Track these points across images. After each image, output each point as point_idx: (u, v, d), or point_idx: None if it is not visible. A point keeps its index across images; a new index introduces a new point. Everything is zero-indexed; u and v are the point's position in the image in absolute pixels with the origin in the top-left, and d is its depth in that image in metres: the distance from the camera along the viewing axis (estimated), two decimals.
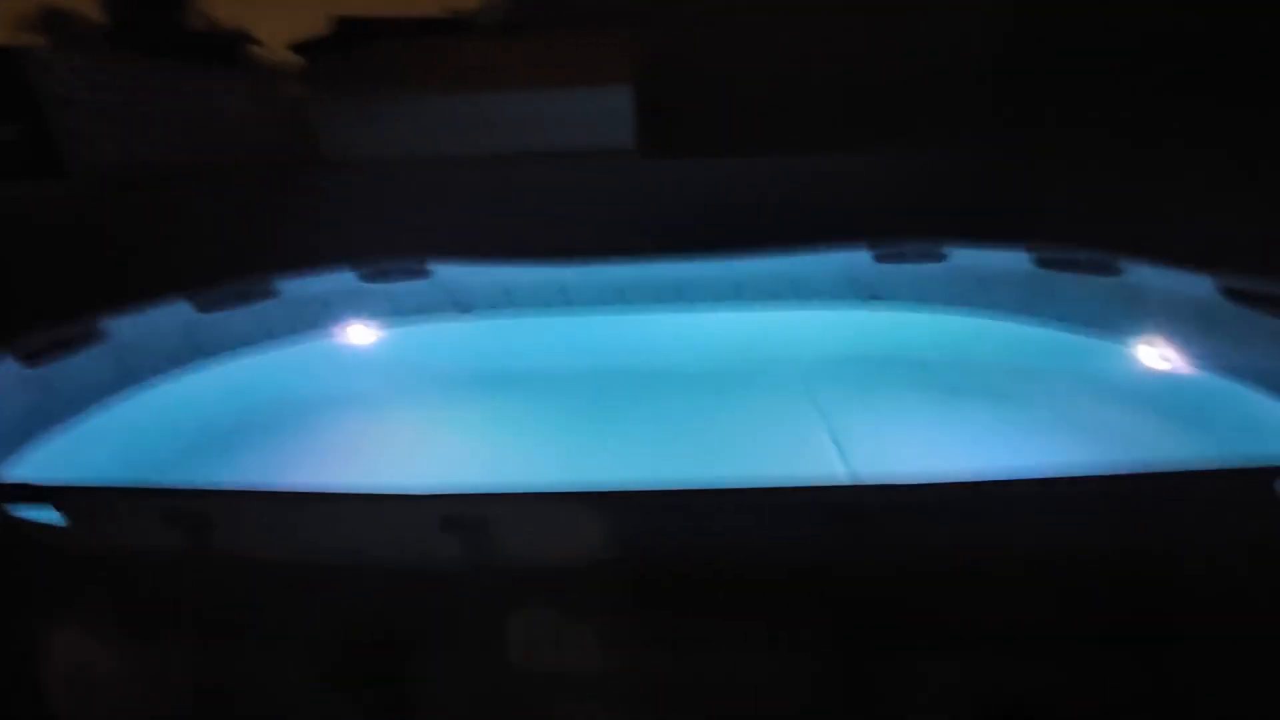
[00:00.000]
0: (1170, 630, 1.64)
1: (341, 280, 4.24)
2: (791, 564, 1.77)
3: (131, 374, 3.39)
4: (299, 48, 14.45)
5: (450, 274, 4.37)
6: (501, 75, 5.25)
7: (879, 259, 4.25)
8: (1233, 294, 3.09)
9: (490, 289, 4.41)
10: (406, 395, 4.11)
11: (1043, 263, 3.80)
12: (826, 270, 4.31)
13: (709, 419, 3.77)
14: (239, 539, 1.76)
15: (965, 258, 4.09)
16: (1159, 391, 3.37)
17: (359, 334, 4.29)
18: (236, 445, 3.50)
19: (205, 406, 3.75)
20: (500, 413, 3.91)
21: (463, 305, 4.40)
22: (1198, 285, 3.23)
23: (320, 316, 4.19)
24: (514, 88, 5.10)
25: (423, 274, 4.35)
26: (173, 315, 3.66)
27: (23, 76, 4.46)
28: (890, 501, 1.79)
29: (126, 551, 1.75)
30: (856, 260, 4.27)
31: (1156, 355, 3.42)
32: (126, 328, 3.43)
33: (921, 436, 3.50)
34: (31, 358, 2.92)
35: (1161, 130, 4.10)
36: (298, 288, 4.11)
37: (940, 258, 4.15)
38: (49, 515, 1.73)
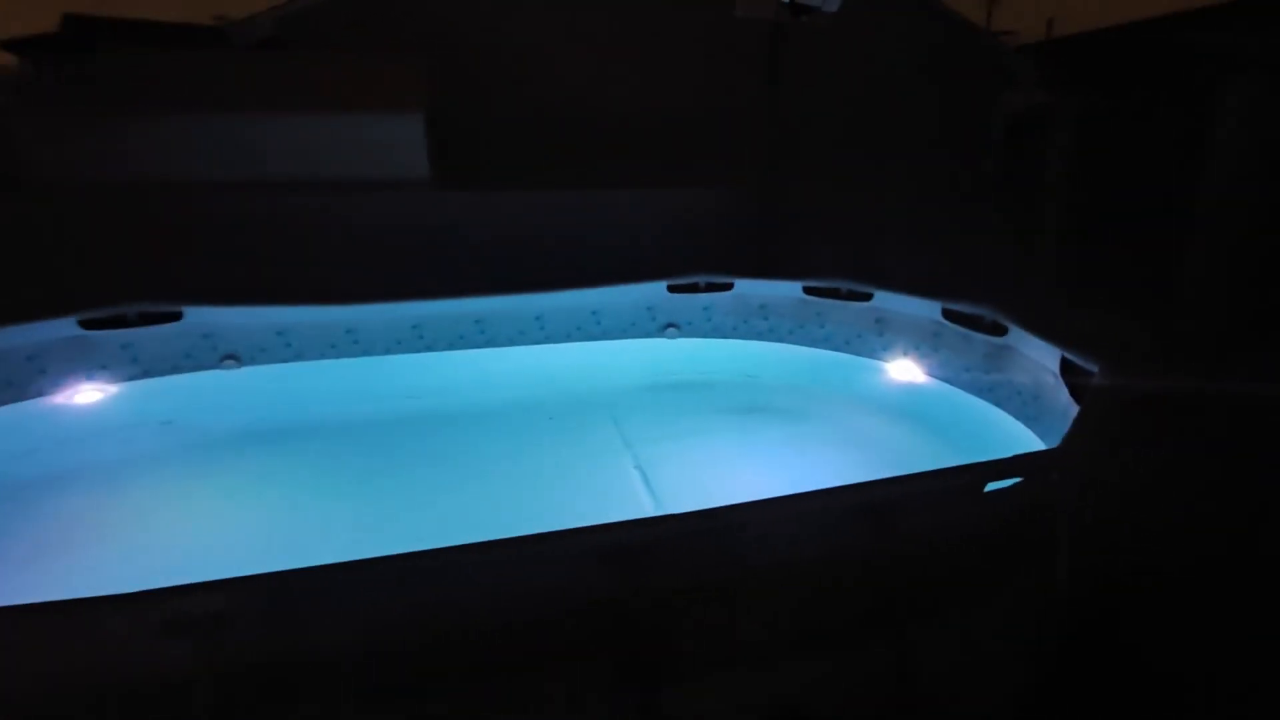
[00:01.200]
0: (909, 612, 1.87)
1: (59, 330, 3.51)
2: (565, 607, 1.75)
3: None
4: (15, 45, 12.03)
5: (209, 319, 3.81)
6: (274, 96, 4.73)
7: (673, 290, 4.47)
8: (950, 315, 3.69)
9: (262, 333, 3.92)
10: (154, 463, 3.48)
11: (810, 292, 4.26)
12: (625, 302, 4.44)
13: (516, 458, 3.67)
14: None
15: (748, 289, 4.45)
16: (903, 400, 3.90)
17: (87, 395, 3.57)
18: None
19: None
20: (275, 471, 3.46)
21: (226, 354, 3.86)
22: (927, 309, 3.81)
23: (30, 378, 3.42)
24: (291, 110, 4.61)
25: (172, 319, 3.74)
26: None
27: None
28: (650, 535, 1.84)
29: None
30: (653, 292, 4.46)
31: (902, 369, 3.96)
32: None
33: (721, 456, 3.70)
34: None
35: (885, 183, 4.86)
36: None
37: (727, 289, 4.47)
38: None
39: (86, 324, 3.54)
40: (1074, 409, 2.76)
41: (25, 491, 3.15)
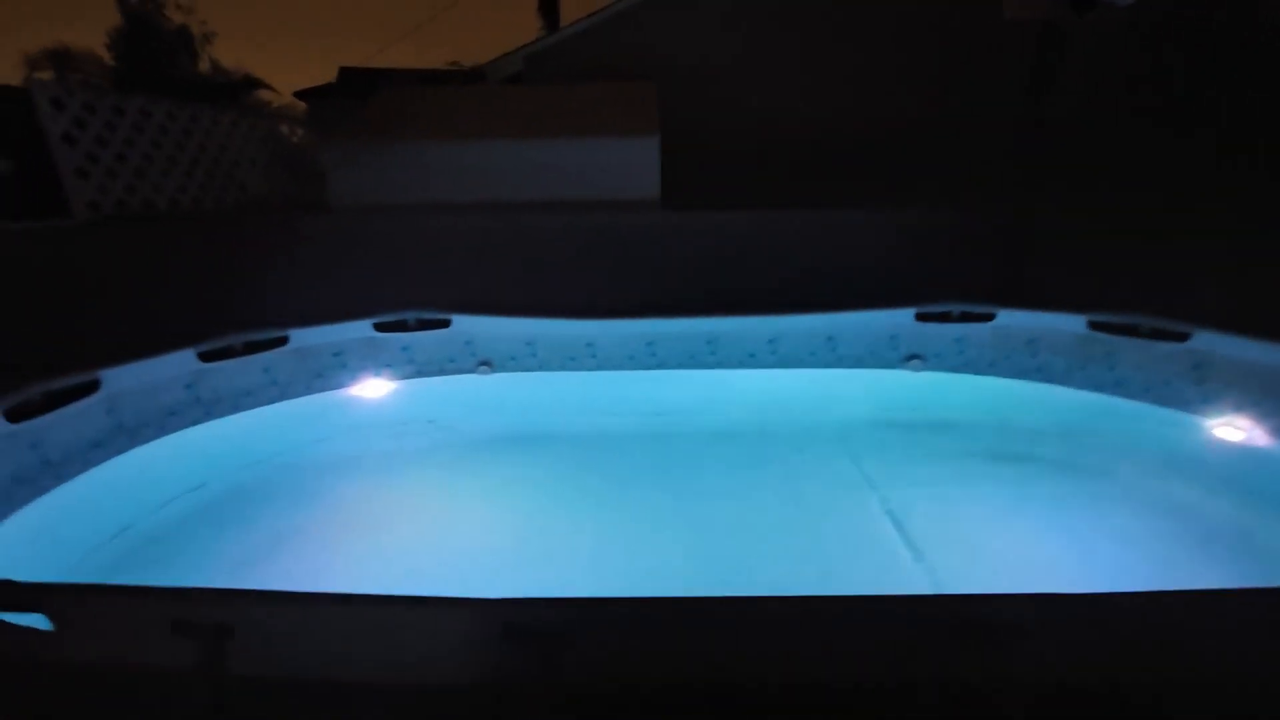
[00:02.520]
0: None
1: (356, 331, 4.00)
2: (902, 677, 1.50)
3: (127, 431, 3.09)
4: (304, 94, 14.53)
5: (471, 327, 4.14)
6: (525, 123, 5.16)
7: (922, 319, 4.08)
8: None
9: (513, 343, 4.18)
10: (424, 457, 3.83)
11: (1098, 327, 3.64)
12: (866, 329, 4.13)
13: (751, 486, 3.51)
14: (261, 652, 1.47)
15: (1013, 320, 3.93)
16: (1232, 466, 3.16)
17: (373, 389, 4.03)
18: (241, 513, 3.18)
19: (207, 467, 3.45)
20: (523, 477, 3.61)
21: (484, 360, 4.16)
22: (1269, 354, 3.06)
23: (332, 369, 3.93)
24: (539, 136, 5.00)
25: (443, 326, 4.12)
26: (174, 366, 3.38)
27: (29, 112, 4.29)
28: (1016, 613, 1.53)
29: (127, 667, 1.45)
30: (898, 319, 4.10)
31: (1227, 426, 3.23)
32: (124, 379, 3.14)
33: (982, 507, 3.26)
34: (18, 414, 2.63)
35: (1194, 192, 4.03)
36: (309, 338, 3.86)
37: (986, 319, 3.99)
38: (33, 620, 1.44)
39: (379, 327, 4.01)
40: None
41: (319, 476, 3.58)
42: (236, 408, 3.55)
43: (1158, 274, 3.82)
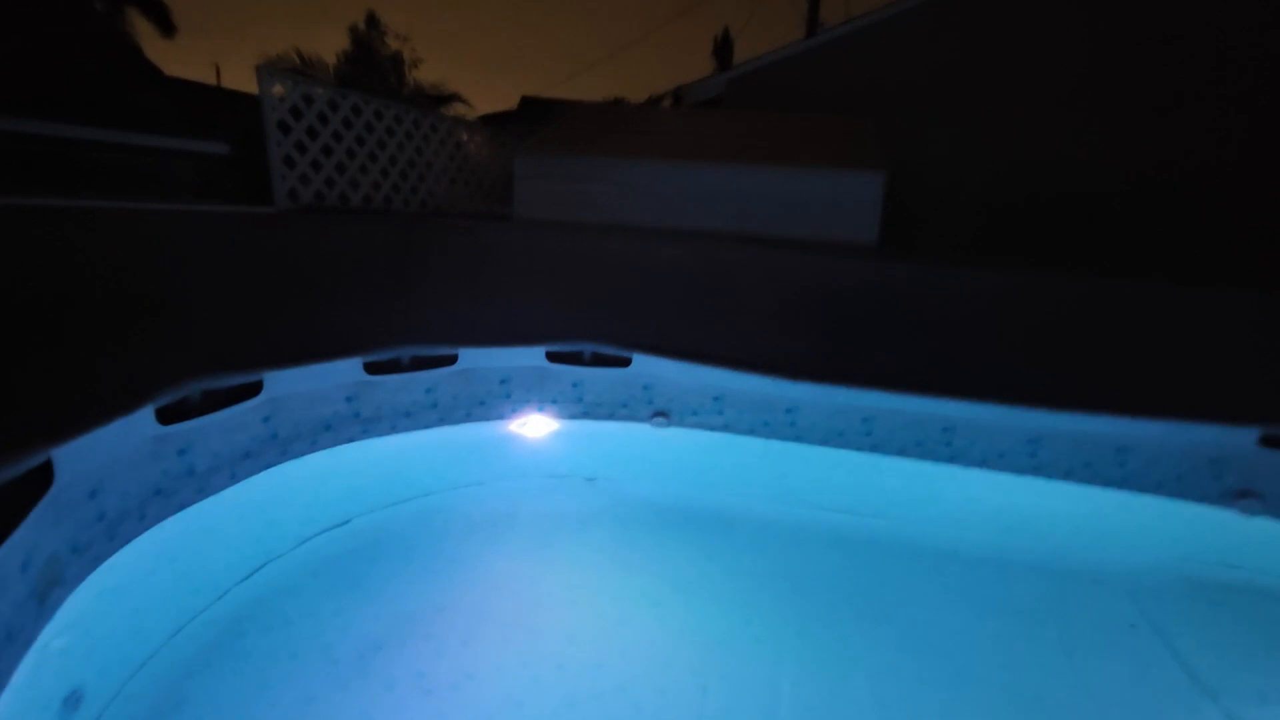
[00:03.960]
0: None
1: (527, 358, 3.54)
2: None
3: (280, 443, 2.76)
4: (490, 119, 15.24)
5: (652, 370, 3.55)
6: (728, 147, 4.64)
7: (1267, 444, 2.94)
8: None
9: (698, 395, 3.53)
10: (582, 526, 3.24)
11: None
12: (1171, 443, 3.05)
13: (1000, 646, 2.57)
14: None
15: None
16: None
17: (534, 425, 3.54)
18: (378, 570, 2.73)
19: (351, 499, 3.08)
20: (698, 575, 2.89)
21: (661, 411, 3.55)
22: None
23: (496, 398, 3.48)
24: (744, 162, 4.44)
25: (622, 364, 3.56)
26: (340, 375, 3.06)
27: (255, 102, 4.35)
28: None
29: None
30: (1231, 439, 2.99)
31: None
32: (286, 383, 2.83)
33: None
34: (171, 414, 2.32)
35: None
36: (479, 360, 3.44)
37: None
38: None
39: (552, 357, 3.52)
40: None
41: (466, 536, 3.07)
42: (394, 429, 3.17)
43: None
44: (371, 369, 3.12)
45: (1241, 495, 2.99)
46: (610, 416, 3.60)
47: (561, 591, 2.74)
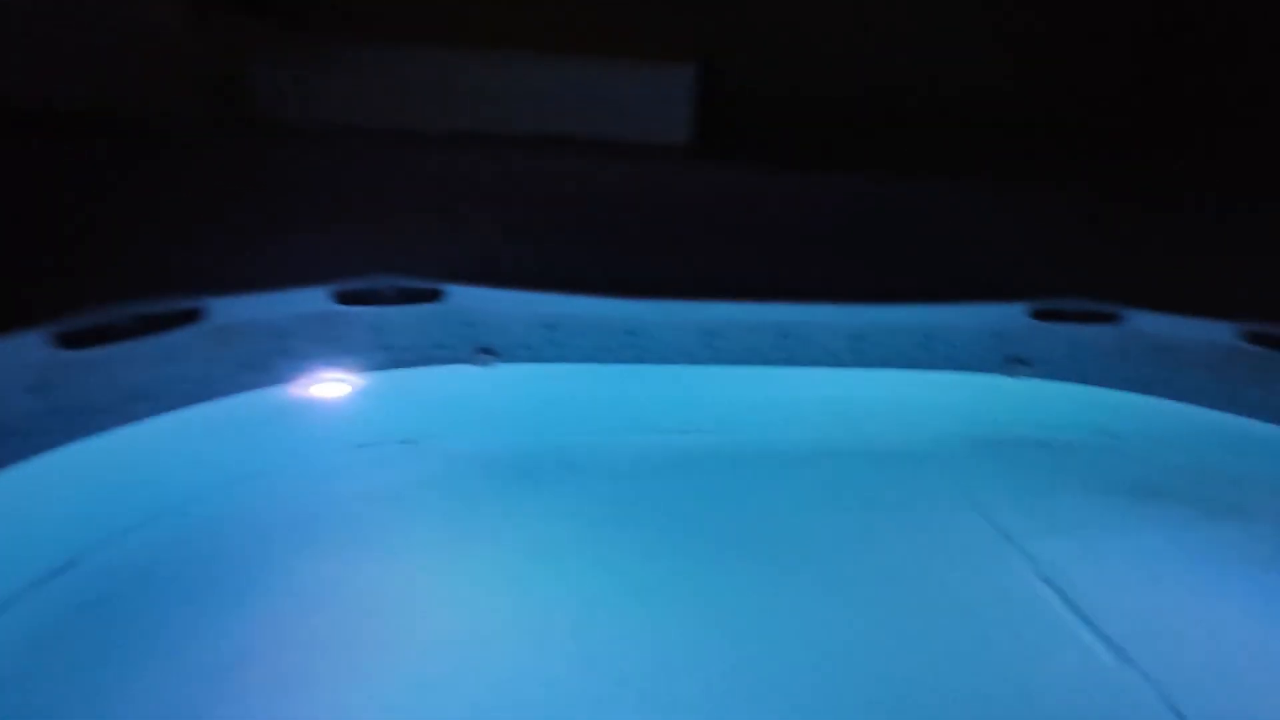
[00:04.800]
0: None
1: (305, 303, 2.78)
2: None
3: None
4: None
5: (472, 303, 3.02)
6: (515, 32, 3.96)
7: (1035, 317, 3.38)
8: None
9: (528, 327, 3.10)
10: (405, 503, 2.71)
11: (1258, 339, 3.07)
12: (969, 326, 3.39)
13: (854, 536, 2.70)
14: None
15: (1142, 323, 3.30)
16: None
17: (328, 387, 2.85)
18: (130, 628, 1.98)
19: (68, 533, 2.19)
20: (552, 540, 2.55)
21: (486, 348, 3.06)
22: None
23: (270, 358, 2.70)
24: (535, 51, 3.83)
25: (432, 299, 2.97)
26: (20, 354, 2.08)
27: None
28: None
29: None
30: (1006, 316, 3.38)
31: None
32: None
33: (1150, 564, 2.61)
34: None
35: None
36: (237, 311, 2.61)
37: (1110, 320, 3.34)
38: None
39: (341, 297, 2.80)
40: None
41: (255, 548, 2.37)
42: (124, 418, 2.29)
43: None
44: (68, 341, 2.19)
45: (1015, 362, 3.45)
46: (425, 362, 3.03)
47: (399, 587, 2.25)
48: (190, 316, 2.49)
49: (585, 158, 3.94)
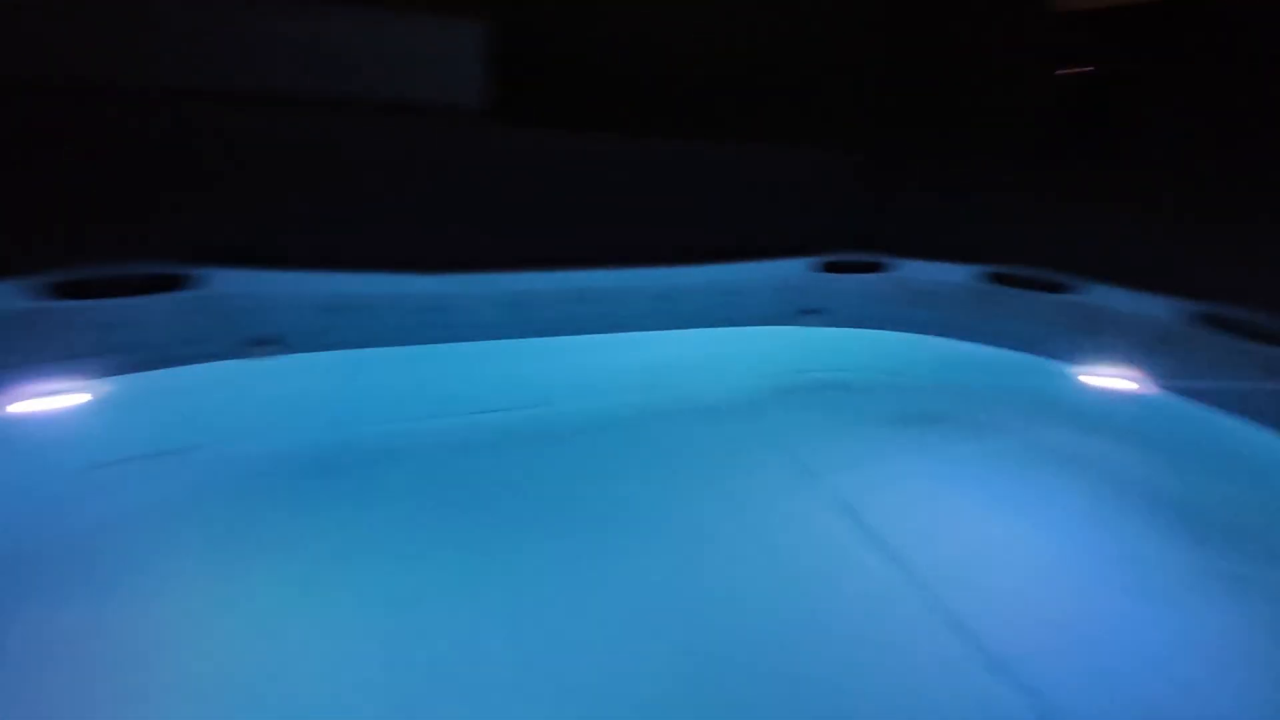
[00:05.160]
0: None
1: (10, 301, 2.26)
2: None
3: None
4: None
5: (236, 288, 2.64)
6: None
7: (818, 269, 3.65)
8: (1203, 319, 3.06)
9: (305, 312, 2.79)
10: (183, 515, 2.34)
11: (992, 279, 3.55)
12: (763, 281, 3.58)
13: (678, 496, 2.77)
14: None
15: (909, 271, 3.69)
16: (1125, 413, 3.28)
17: (48, 402, 2.35)
18: None
19: None
20: (336, 537, 2.36)
21: (261, 339, 2.70)
22: (1156, 307, 3.17)
23: None
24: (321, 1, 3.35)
25: (179, 287, 2.55)
26: None
27: None
28: None
29: None
30: (794, 271, 3.62)
31: (1112, 375, 3.34)
32: None
33: (927, 485, 2.93)
34: None
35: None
36: None
37: (881, 270, 3.70)
38: None
39: (61, 290, 2.31)
40: None
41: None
42: None
43: (1042, 227, 3.84)
44: None
45: (805, 313, 3.72)
46: (181, 361, 2.61)
47: (161, 626, 1.94)
48: None
49: (365, 120, 3.59)
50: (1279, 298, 2.85)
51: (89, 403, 2.40)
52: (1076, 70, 4.94)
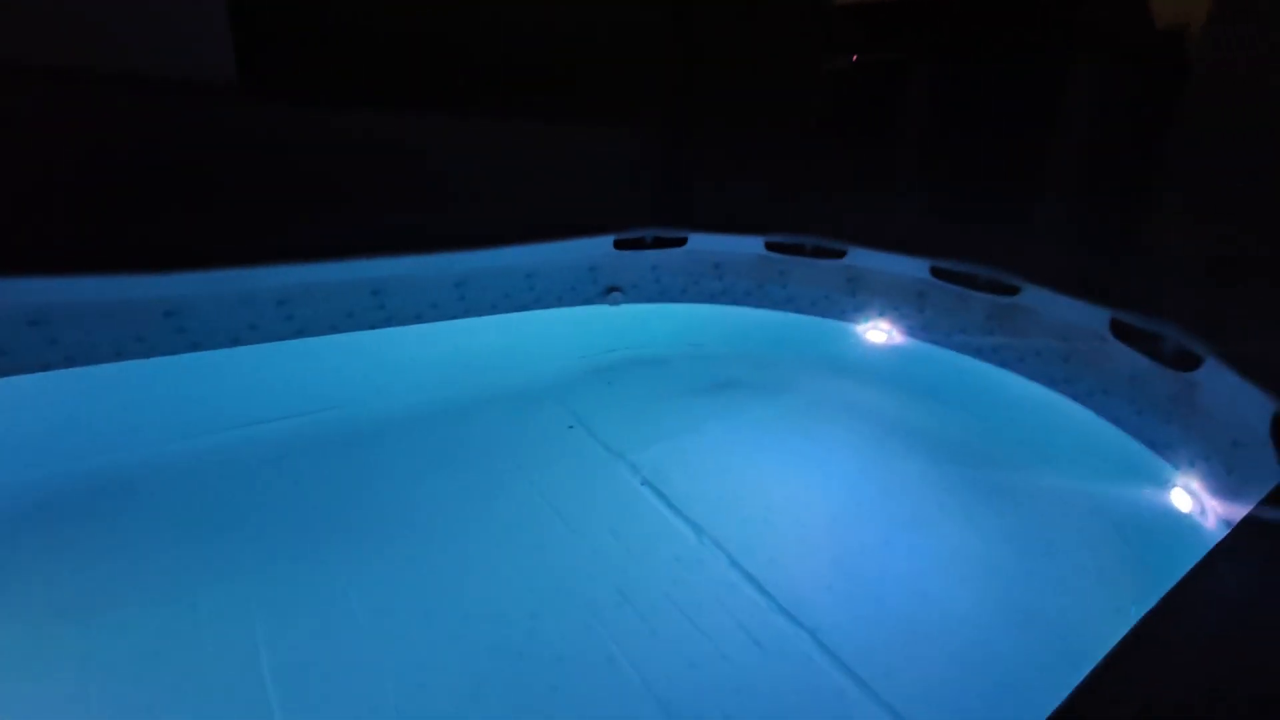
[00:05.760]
0: None
1: None
2: None
3: None
4: None
5: None
6: None
7: (619, 246, 3.67)
8: (938, 273, 3.51)
9: (9, 325, 2.26)
10: None
11: (773, 248, 3.79)
12: (565, 262, 3.53)
13: (475, 479, 2.67)
14: None
15: (702, 244, 3.83)
16: (893, 365, 3.68)
17: None
18: None
19: None
20: (91, 581, 2.02)
21: None
22: (914, 268, 3.58)
23: None
24: None
25: None
26: None
27: None
28: None
29: None
30: (597, 249, 3.60)
31: (879, 330, 3.73)
32: None
33: (724, 450, 3.09)
34: None
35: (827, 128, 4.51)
36: None
37: (679, 245, 3.80)
38: None
39: None
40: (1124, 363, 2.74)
41: None
42: None
43: (820, 200, 4.16)
44: None
45: (610, 291, 3.74)
46: None
47: None
48: None
49: (94, 94, 3.02)
50: (1000, 256, 3.34)
51: None
52: (846, 60, 5.46)
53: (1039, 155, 5.08)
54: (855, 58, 4.99)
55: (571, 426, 3.09)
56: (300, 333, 2.87)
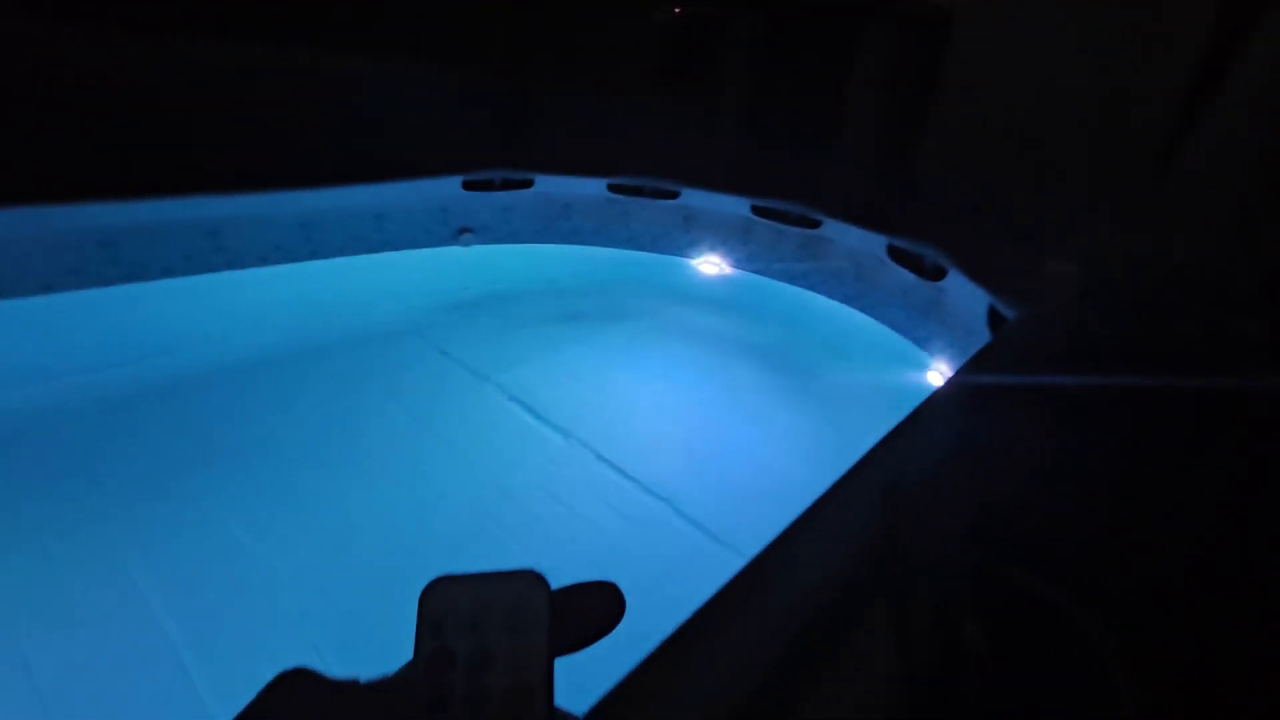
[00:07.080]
0: None
1: None
2: None
3: None
4: None
5: None
6: None
7: (468, 188, 3.75)
8: (758, 210, 4.02)
9: None
10: None
11: (616, 189, 4.08)
12: (416, 203, 3.56)
13: (352, 426, 2.74)
14: None
15: (551, 186, 4.02)
16: (724, 293, 4.17)
17: None
18: None
19: None
20: None
21: None
22: (738, 206, 4.06)
23: None
24: None
25: None
26: None
27: None
28: None
29: None
30: (446, 190, 3.67)
31: (710, 263, 4.20)
32: None
33: (581, 367, 3.40)
34: None
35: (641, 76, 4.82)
36: None
37: (527, 186, 3.96)
38: None
39: None
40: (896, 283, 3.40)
41: None
42: None
43: (656, 143, 4.48)
44: None
45: (462, 232, 3.84)
46: None
47: None
48: None
49: None
50: (808, 193, 3.90)
51: None
52: (669, 13, 5.79)
53: (839, 104, 5.84)
54: (678, 10, 5.36)
55: (434, 356, 3.20)
56: (128, 277, 2.70)
